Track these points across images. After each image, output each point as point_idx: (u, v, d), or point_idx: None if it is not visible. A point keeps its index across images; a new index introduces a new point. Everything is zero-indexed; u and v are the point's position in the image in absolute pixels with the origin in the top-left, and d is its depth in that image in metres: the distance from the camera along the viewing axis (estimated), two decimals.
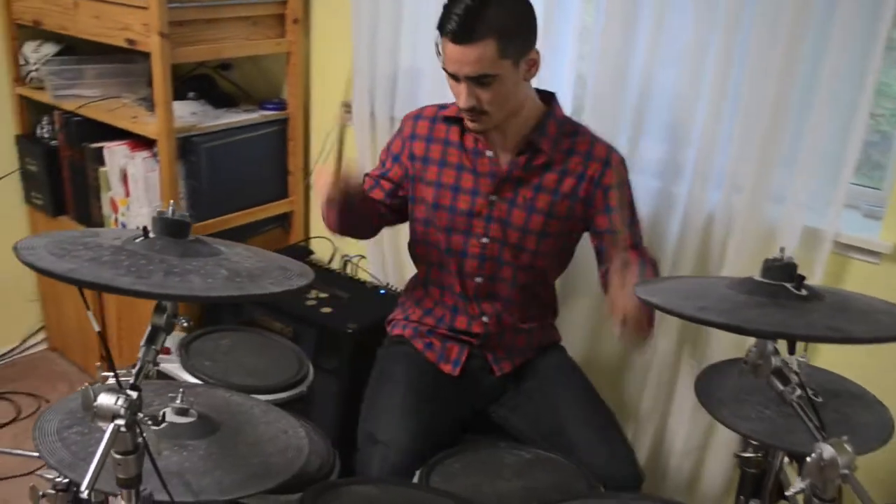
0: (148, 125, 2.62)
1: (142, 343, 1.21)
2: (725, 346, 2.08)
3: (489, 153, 1.93)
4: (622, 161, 1.95)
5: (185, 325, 1.23)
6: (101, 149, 2.75)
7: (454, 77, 1.78)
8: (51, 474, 1.52)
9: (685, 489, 2.29)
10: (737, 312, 1.16)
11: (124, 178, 2.71)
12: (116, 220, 2.78)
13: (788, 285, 1.21)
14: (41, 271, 1.07)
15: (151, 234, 1.21)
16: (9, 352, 3.33)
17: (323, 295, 2.61)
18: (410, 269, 2.19)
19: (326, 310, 2.52)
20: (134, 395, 1.15)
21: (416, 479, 1.73)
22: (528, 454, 1.85)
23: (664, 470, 2.32)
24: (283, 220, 3.02)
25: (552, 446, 1.88)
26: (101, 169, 2.77)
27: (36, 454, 1.35)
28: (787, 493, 1.22)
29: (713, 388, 1.66)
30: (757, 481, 1.76)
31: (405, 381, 1.99)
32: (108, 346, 1.21)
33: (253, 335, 2.16)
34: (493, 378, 2.06)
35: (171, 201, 1.23)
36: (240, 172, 2.80)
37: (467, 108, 1.79)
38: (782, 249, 1.25)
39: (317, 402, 2.47)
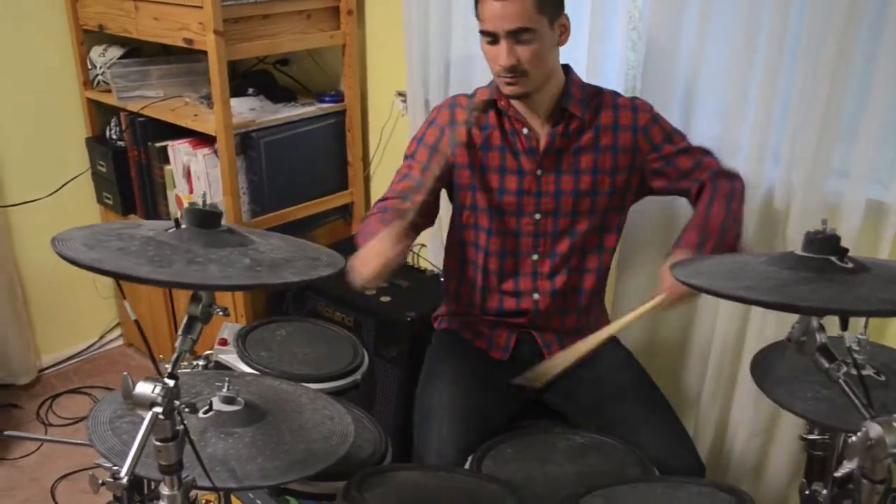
0: (208, 122, 2.68)
1: (179, 332, 1.24)
2: (785, 326, 2.01)
3: (525, 131, 1.93)
4: (647, 104, 1.97)
5: (222, 314, 1.25)
6: (165, 147, 2.83)
7: (493, 38, 1.79)
8: (109, 463, 1.58)
9: (751, 476, 2.23)
10: (785, 290, 1.12)
11: (188, 174, 2.78)
12: None
13: (833, 258, 1.16)
14: (68, 260, 1.10)
15: (183, 225, 1.23)
16: (87, 348, 3.46)
17: (382, 284, 2.62)
18: (452, 256, 2.17)
19: (385, 299, 2.54)
20: (171, 383, 1.17)
21: (468, 465, 1.73)
22: (583, 439, 1.83)
23: (728, 457, 2.26)
24: (344, 211, 3.05)
25: (605, 434, 1.85)
26: (167, 167, 2.85)
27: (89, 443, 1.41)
28: (835, 475, 1.17)
29: (770, 368, 1.61)
30: (823, 464, 1.71)
31: (453, 377, 1.98)
32: (145, 336, 1.24)
33: (310, 325, 2.19)
34: (543, 361, 2.03)
35: (204, 192, 1.26)
36: (299, 166, 2.84)
37: (508, 67, 1.79)
38: (824, 221, 1.20)
39: (378, 391, 2.51)
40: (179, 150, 2.78)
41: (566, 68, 1.95)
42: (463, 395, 1.93)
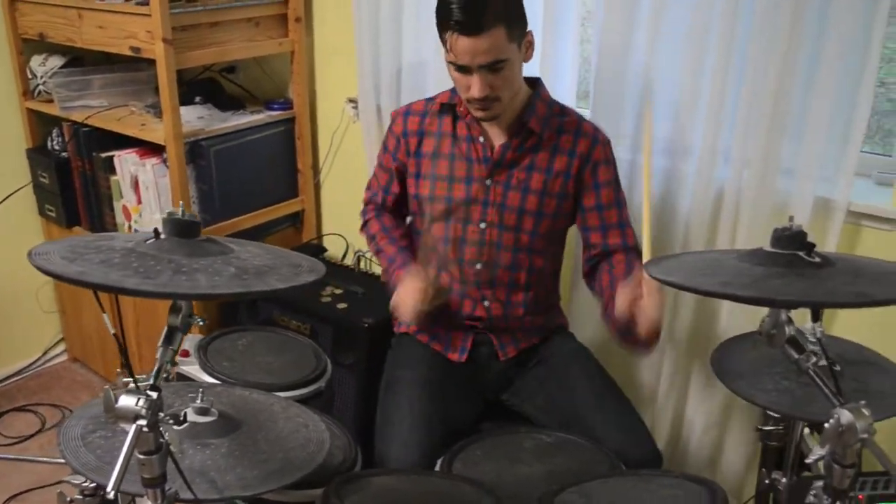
0: (156, 131, 2.64)
1: (159, 344, 1.23)
2: (740, 320, 2.08)
3: (481, 139, 1.94)
4: (608, 142, 1.98)
5: (202, 324, 1.24)
6: (111, 158, 2.78)
7: (463, 69, 1.79)
8: (78, 480, 1.55)
9: (707, 467, 2.29)
10: (760, 285, 1.16)
11: (135, 185, 2.73)
12: (130, 227, 2.81)
13: (801, 253, 1.21)
14: (52, 275, 1.08)
15: (162, 236, 1.22)
16: (31, 364, 3.37)
17: (338, 291, 2.62)
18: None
19: (342, 306, 2.54)
20: (154, 395, 1.16)
21: (437, 468, 1.74)
22: (549, 437, 1.85)
23: (685, 449, 2.32)
24: (295, 218, 3.04)
25: (570, 432, 1.88)
26: (113, 178, 2.79)
27: (62, 460, 1.38)
28: (807, 461, 1.22)
29: (729, 362, 1.65)
30: (779, 454, 1.77)
31: (412, 383, 1.99)
32: (125, 348, 1.22)
33: (270, 334, 2.18)
34: (499, 363, 2.07)
35: (181, 202, 1.24)
36: (249, 174, 2.82)
37: (482, 98, 1.80)
38: (791, 218, 1.25)
39: (337, 398, 2.50)
40: (126, 161, 2.73)
41: (536, 82, 1.97)
42: (424, 399, 1.94)
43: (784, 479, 1.69)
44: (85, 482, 1.54)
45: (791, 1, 1.84)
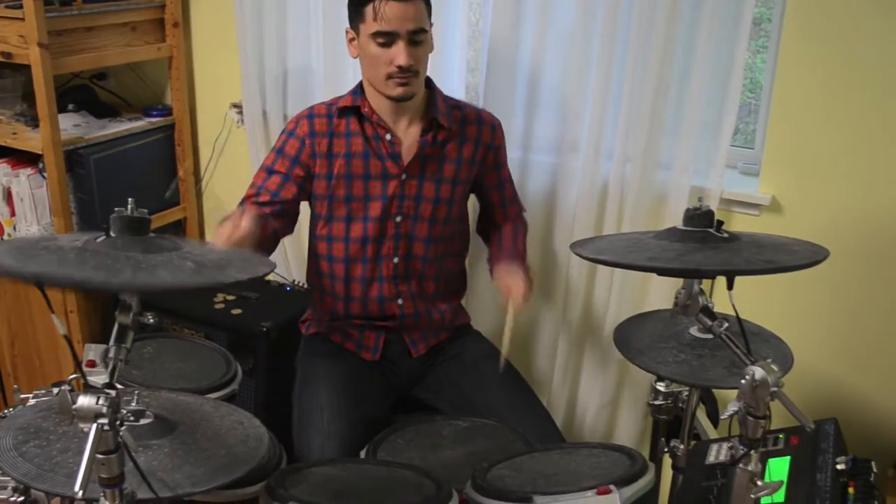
0: (30, 140, 2.55)
1: (111, 342, 1.22)
2: (628, 304, 2.25)
3: (388, 136, 2.00)
4: (501, 125, 2.14)
5: (152, 321, 1.25)
6: None
7: (389, 39, 1.86)
8: (2, 494, 1.50)
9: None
10: (685, 258, 1.29)
11: (8, 197, 2.61)
12: (1, 241, 2.67)
13: (711, 230, 1.35)
14: (11, 275, 1.07)
15: (112, 234, 1.21)
16: None
17: (230, 297, 2.60)
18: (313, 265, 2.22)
19: (236, 311, 2.52)
20: (113, 393, 1.16)
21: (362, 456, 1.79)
22: (465, 423, 1.94)
23: (580, 427, 2.47)
24: (178, 227, 2.98)
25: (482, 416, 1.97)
26: None
27: None
28: (722, 417, 1.35)
29: (630, 339, 1.78)
30: (667, 426, 1.93)
31: (328, 378, 2.02)
32: (75, 351, 1.21)
33: (174, 340, 2.15)
34: (411, 360, 2.14)
35: (130, 200, 1.24)
36: (130, 182, 2.75)
37: (406, 66, 1.87)
38: (700, 199, 1.39)
39: (237, 402, 2.48)
40: None
41: (428, 81, 2.04)
42: (340, 393, 1.98)
43: (682, 446, 1.84)
44: (13, 497, 1.49)
45: (665, 13, 2.02)
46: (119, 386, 1.57)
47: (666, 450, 1.86)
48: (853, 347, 2.13)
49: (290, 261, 2.79)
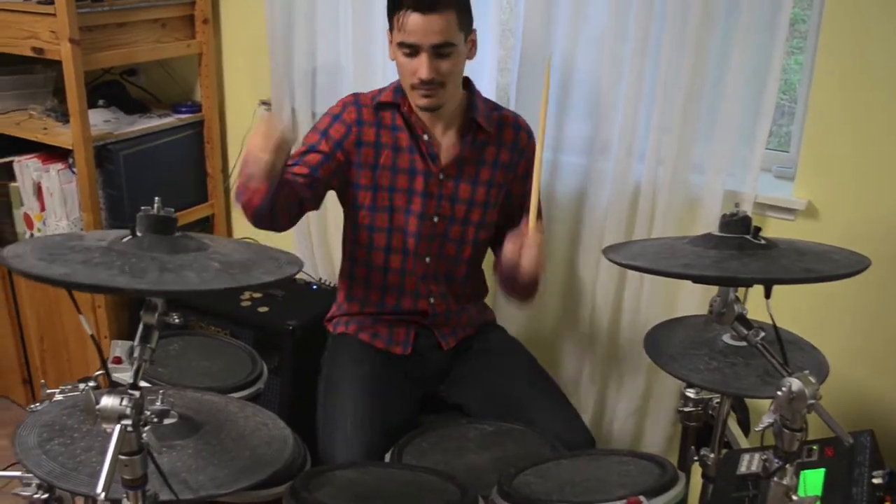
0: (61, 135, 2.55)
1: (135, 342, 1.21)
2: (658, 309, 2.21)
3: (425, 137, 1.98)
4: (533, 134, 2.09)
5: (178, 321, 1.24)
6: (10, 164, 2.65)
7: (412, 50, 1.83)
8: (27, 491, 1.50)
9: (630, 448, 2.40)
10: (720, 265, 1.26)
11: (38, 191, 2.62)
12: (32, 235, 2.69)
13: (748, 237, 1.31)
14: (35, 278, 1.06)
15: (139, 233, 1.20)
16: None
17: (257, 295, 2.60)
18: (350, 257, 2.20)
19: (263, 309, 2.52)
20: (137, 394, 1.15)
21: (387, 460, 1.77)
22: (490, 427, 1.92)
23: (608, 433, 2.43)
24: (205, 223, 2.98)
25: (508, 420, 1.94)
26: (12, 185, 2.67)
27: (18, 473, 1.33)
28: (756, 429, 1.31)
29: (661, 346, 1.75)
30: (697, 433, 1.89)
31: (353, 382, 2.00)
32: (101, 350, 1.20)
33: (200, 338, 2.14)
34: (441, 354, 2.12)
35: (157, 199, 1.23)
36: (158, 178, 2.75)
37: (427, 80, 1.84)
38: (737, 205, 1.36)
39: (261, 402, 2.47)
40: (28, 167, 2.61)
41: (467, 81, 2.03)
42: (366, 397, 1.96)
43: (712, 454, 1.81)
44: (35, 494, 1.49)
45: (698, 15, 1.98)
46: (145, 384, 1.59)
47: (696, 458, 1.83)
48: (891, 357, 2.08)
49: (316, 258, 2.78)
